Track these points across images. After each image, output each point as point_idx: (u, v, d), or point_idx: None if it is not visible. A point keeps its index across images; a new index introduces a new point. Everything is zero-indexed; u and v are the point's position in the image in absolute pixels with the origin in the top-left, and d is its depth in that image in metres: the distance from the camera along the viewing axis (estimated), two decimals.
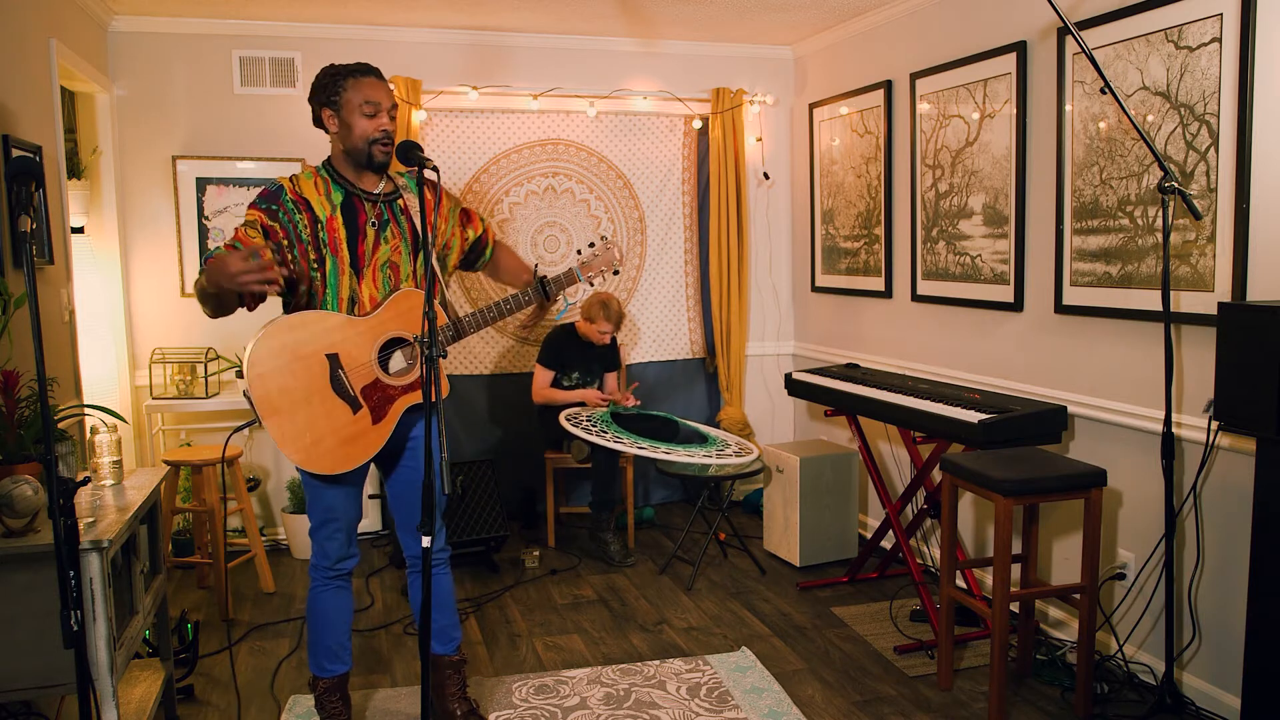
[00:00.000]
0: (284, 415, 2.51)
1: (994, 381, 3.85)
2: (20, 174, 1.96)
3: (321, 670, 2.80)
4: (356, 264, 2.62)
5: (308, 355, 2.54)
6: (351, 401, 2.58)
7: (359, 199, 2.64)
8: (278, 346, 2.52)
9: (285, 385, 2.52)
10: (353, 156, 2.62)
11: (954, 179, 4.06)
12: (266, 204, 2.59)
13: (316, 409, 2.54)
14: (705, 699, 3.10)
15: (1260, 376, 2.43)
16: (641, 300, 5.35)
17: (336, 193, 2.63)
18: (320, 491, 2.67)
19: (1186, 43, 2.92)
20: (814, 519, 4.37)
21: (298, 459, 2.54)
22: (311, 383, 2.54)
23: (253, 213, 2.58)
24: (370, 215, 2.65)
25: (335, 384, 2.56)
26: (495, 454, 5.09)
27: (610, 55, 5.17)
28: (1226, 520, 2.90)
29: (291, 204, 2.58)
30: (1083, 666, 2.96)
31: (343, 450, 2.57)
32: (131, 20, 4.50)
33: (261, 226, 2.56)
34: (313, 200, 2.60)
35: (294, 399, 2.52)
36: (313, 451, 2.54)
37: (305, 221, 2.59)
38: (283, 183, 2.62)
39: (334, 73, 2.61)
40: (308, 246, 2.59)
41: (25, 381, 2.58)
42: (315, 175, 2.65)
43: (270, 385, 2.51)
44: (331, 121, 2.62)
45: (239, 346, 4.64)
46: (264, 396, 2.50)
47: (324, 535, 2.72)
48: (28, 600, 2.21)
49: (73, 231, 3.96)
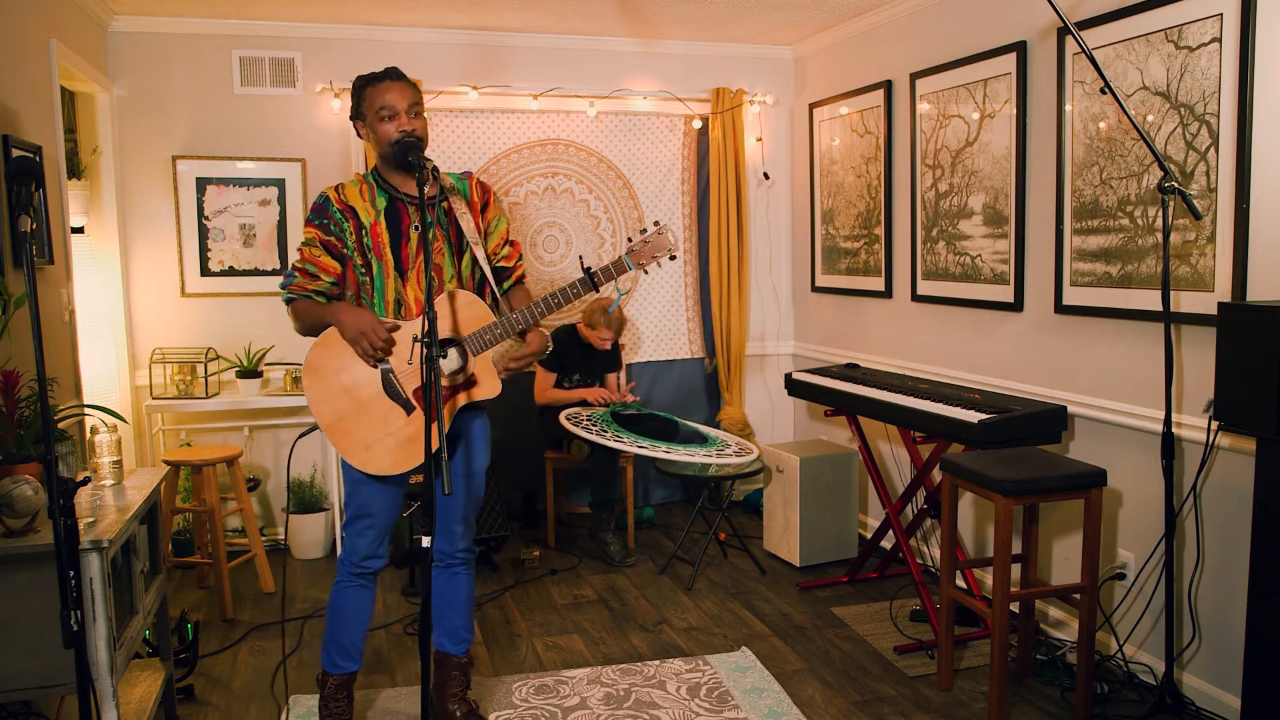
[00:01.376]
0: (342, 421, 2.60)
1: (994, 381, 3.85)
2: (20, 174, 1.96)
3: (333, 666, 2.81)
4: (400, 267, 2.66)
5: (360, 362, 2.62)
6: (404, 404, 2.63)
7: (403, 203, 2.68)
8: (334, 354, 2.61)
9: (341, 390, 2.61)
10: (387, 162, 2.68)
11: (954, 179, 4.06)
12: (318, 219, 2.67)
13: (372, 413, 2.61)
14: (705, 699, 3.10)
15: (1260, 376, 2.43)
16: (640, 300, 5.35)
17: (381, 198, 2.68)
18: (358, 487, 2.71)
19: (1186, 43, 2.92)
20: (814, 519, 4.37)
21: (357, 462, 2.62)
22: (366, 388, 2.62)
23: (309, 230, 2.67)
24: (413, 219, 2.68)
25: (388, 388, 2.62)
26: (495, 454, 5.05)
27: (610, 55, 5.17)
28: (1226, 520, 2.90)
29: (339, 214, 2.65)
30: (1083, 666, 2.96)
31: (400, 451, 2.62)
32: (131, 20, 4.50)
33: (321, 243, 2.65)
34: (358, 207, 2.66)
35: (351, 404, 2.61)
36: (371, 453, 2.61)
37: (351, 229, 2.65)
38: (328, 194, 2.68)
39: (357, 84, 2.69)
40: (353, 253, 2.66)
41: (25, 381, 2.58)
42: (361, 182, 2.71)
43: (327, 391, 2.61)
44: (364, 131, 2.70)
45: (239, 347, 4.64)
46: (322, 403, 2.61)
47: (355, 531, 2.75)
48: (28, 600, 2.21)
49: (73, 231, 3.96)
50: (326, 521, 4.67)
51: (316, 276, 2.66)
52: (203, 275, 4.69)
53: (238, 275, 4.73)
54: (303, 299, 2.67)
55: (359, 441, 2.60)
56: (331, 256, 2.66)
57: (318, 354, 2.61)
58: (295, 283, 2.67)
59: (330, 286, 2.67)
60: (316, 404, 2.60)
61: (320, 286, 2.66)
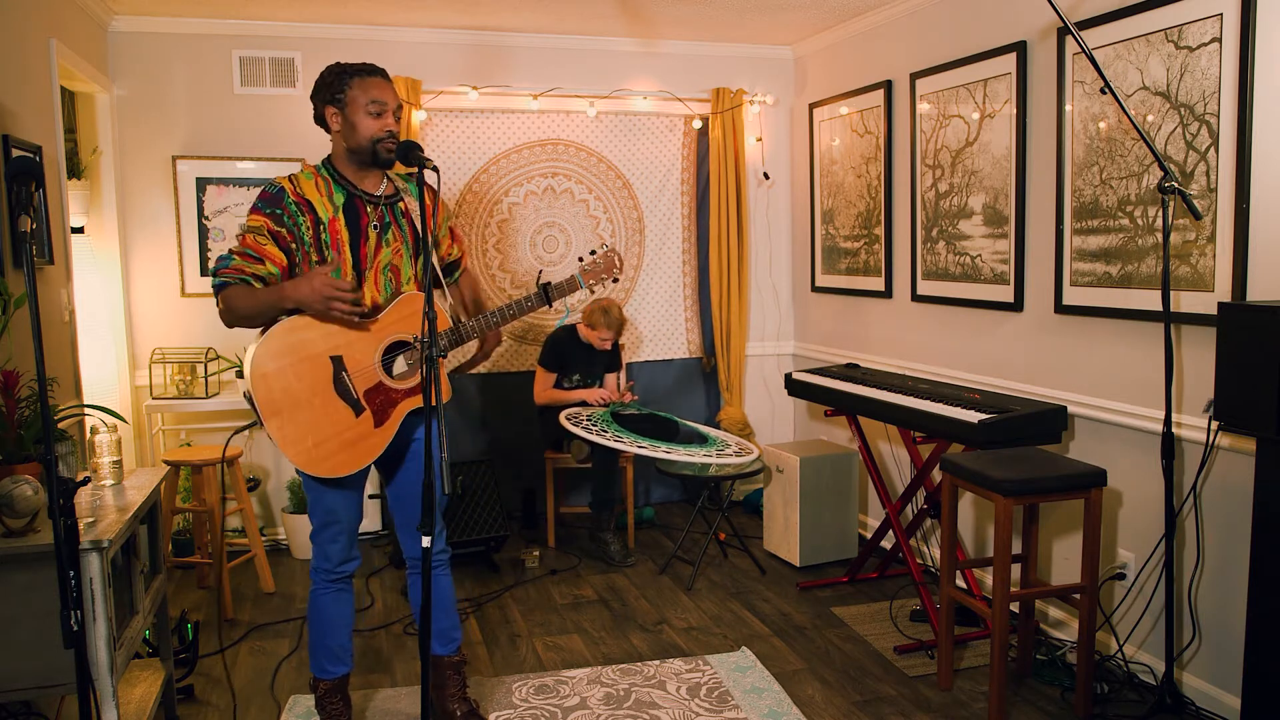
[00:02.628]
0: (286, 417, 2.50)
1: (994, 381, 3.85)
2: (20, 174, 1.96)
3: (323, 672, 2.80)
4: (359, 266, 2.62)
5: (311, 357, 2.53)
6: (354, 404, 2.57)
7: (360, 201, 2.63)
8: (282, 348, 2.51)
9: (288, 387, 2.50)
10: (356, 155, 2.61)
11: (954, 179, 4.06)
12: (270, 208, 2.54)
13: (319, 411, 2.53)
14: (705, 699, 3.10)
15: (1260, 376, 2.43)
16: (639, 300, 5.35)
17: (339, 194, 2.61)
18: (321, 494, 2.66)
19: (1186, 43, 2.92)
20: (814, 519, 4.37)
21: (299, 461, 2.53)
22: (314, 385, 2.53)
23: (257, 218, 2.54)
24: (372, 218, 2.64)
25: (338, 386, 2.56)
26: (495, 454, 5.09)
27: (610, 55, 5.17)
28: (1226, 520, 2.90)
29: (294, 206, 2.55)
30: (1083, 666, 2.96)
31: (345, 453, 2.56)
32: (131, 20, 4.50)
33: (269, 232, 2.53)
34: (315, 201, 2.58)
35: (296, 401, 2.51)
36: (314, 454, 2.53)
37: (308, 223, 2.56)
38: (283, 184, 2.57)
39: (339, 71, 2.60)
40: (309, 249, 2.57)
41: (25, 381, 2.57)
42: (316, 175, 2.63)
43: (273, 387, 2.50)
44: (335, 120, 2.60)
45: (239, 347, 4.64)
46: (266, 398, 2.49)
47: (326, 538, 2.71)
48: (28, 600, 2.21)
49: (73, 231, 3.96)
50: None
51: (260, 261, 2.51)
52: (203, 275, 4.69)
53: None
54: (239, 284, 2.49)
55: (303, 440, 2.51)
56: (278, 248, 2.54)
57: (266, 346, 2.49)
58: (233, 264, 2.49)
59: (271, 276, 2.53)
60: (261, 399, 2.49)
61: (261, 271, 2.51)
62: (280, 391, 2.50)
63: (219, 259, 2.54)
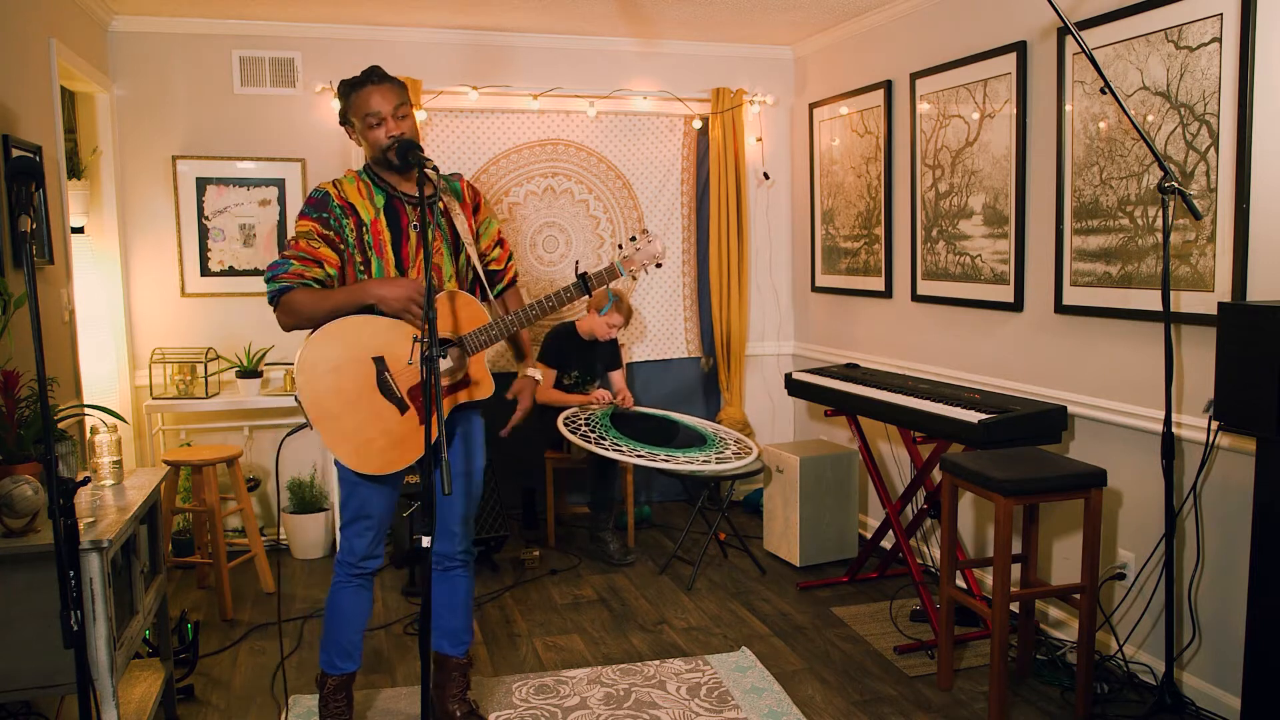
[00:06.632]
0: (334, 418, 2.57)
1: (994, 381, 3.85)
2: (20, 174, 1.96)
3: (332, 667, 2.81)
4: (401, 266, 2.66)
5: (355, 358, 2.58)
6: (398, 403, 2.61)
7: (400, 202, 2.67)
8: (327, 350, 2.57)
9: (334, 387, 2.57)
10: (380, 164, 2.66)
11: (954, 179, 4.06)
12: (317, 213, 2.62)
13: (365, 411, 2.58)
14: (705, 699, 3.10)
15: (1260, 376, 2.43)
16: (639, 300, 5.35)
17: (379, 196, 2.66)
18: (355, 488, 2.69)
19: (1186, 43, 2.92)
20: (814, 519, 4.37)
21: (349, 460, 2.58)
22: (359, 385, 2.58)
23: (306, 223, 2.61)
24: (412, 218, 2.67)
25: (382, 386, 2.60)
26: (495, 454, 5.07)
27: (610, 55, 5.17)
28: (1226, 520, 2.90)
29: (339, 209, 2.62)
30: (1083, 666, 2.96)
31: (394, 451, 2.60)
32: (131, 20, 4.50)
33: (320, 236, 2.60)
34: (357, 204, 2.64)
35: (343, 402, 2.57)
36: (363, 452, 2.58)
37: (351, 225, 2.62)
38: (327, 189, 2.64)
39: (342, 88, 2.67)
40: (353, 251, 2.63)
41: (25, 381, 2.58)
42: (357, 179, 2.68)
43: (320, 388, 2.56)
44: (354, 136, 2.69)
45: (239, 347, 4.64)
46: (314, 400, 2.55)
47: (353, 532, 2.74)
48: (28, 600, 2.21)
49: (73, 231, 3.96)
50: (326, 521, 4.67)
51: (317, 264, 2.60)
52: (203, 275, 4.70)
53: (238, 275, 4.73)
54: (300, 288, 2.58)
55: (352, 439, 2.57)
56: (331, 249, 2.62)
57: (312, 350, 2.57)
58: (292, 269, 2.57)
59: (328, 277, 2.62)
60: (309, 401, 2.56)
61: (319, 275, 2.60)
62: (327, 393, 2.56)
63: (272, 266, 2.59)
